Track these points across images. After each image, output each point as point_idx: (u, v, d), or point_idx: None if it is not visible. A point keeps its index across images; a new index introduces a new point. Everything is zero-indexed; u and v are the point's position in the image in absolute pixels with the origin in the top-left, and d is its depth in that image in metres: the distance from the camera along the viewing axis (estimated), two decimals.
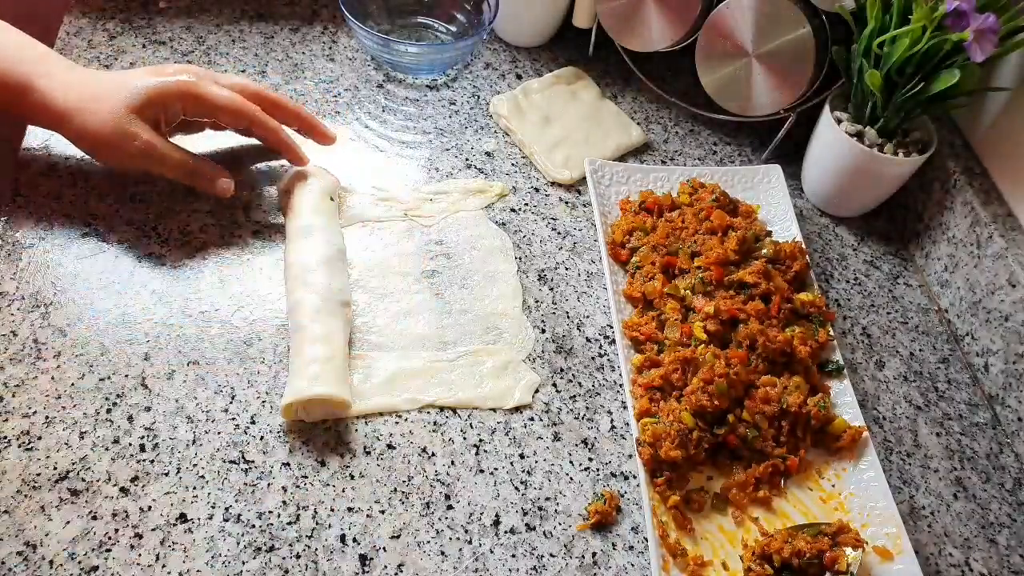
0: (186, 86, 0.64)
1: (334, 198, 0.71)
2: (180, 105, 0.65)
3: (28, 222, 0.66)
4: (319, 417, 0.59)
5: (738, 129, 0.89)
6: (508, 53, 0.92)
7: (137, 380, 0.59)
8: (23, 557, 0.50)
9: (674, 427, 0.58)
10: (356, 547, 0.53)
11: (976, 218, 0.73)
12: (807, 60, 0.75)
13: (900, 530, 0.57)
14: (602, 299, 0.71)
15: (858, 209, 0.83)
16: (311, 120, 0.72)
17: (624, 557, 0.56)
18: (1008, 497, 0.64)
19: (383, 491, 0.56)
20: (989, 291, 0.70)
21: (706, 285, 0.67)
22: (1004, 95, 0.75)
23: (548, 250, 0.74)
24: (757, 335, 0.63)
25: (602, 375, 0.66)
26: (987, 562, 0.60)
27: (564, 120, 0.84)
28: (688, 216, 0.73)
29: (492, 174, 0.79)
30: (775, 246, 0.71)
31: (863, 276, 0.78)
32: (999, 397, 0.69)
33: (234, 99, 0.66)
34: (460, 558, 0.54)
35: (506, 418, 0.62)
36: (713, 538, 0.57)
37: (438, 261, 0.71)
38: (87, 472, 0.54)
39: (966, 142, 0.79)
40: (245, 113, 0.67)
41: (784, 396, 0.61)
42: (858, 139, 0.75)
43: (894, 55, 0.69)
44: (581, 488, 0.59)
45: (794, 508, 0.60)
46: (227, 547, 0.52)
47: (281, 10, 0.90)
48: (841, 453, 0.62)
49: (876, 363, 0.71)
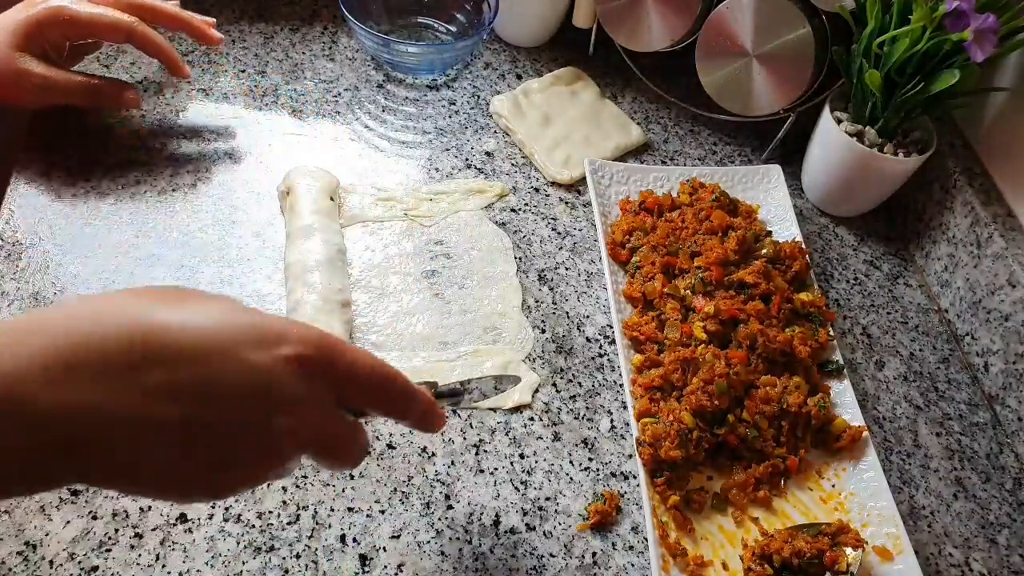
0: (56, 11, 0.64)
1: (334, 198, 0.71)
2: (58, 31, 0.65)
3: (28, 222, 0.66)
4: None
5: (738, 129, 0.89)
6: (508, 53, 0.92)
7: None
8: (23, 557, 0.50)
9: (674, 427, 0.58)
10: (356, 547, 0.53)
11: (976, 218, 0.73)
12: (807, 60, 0.75)
13: (900, 530, 0.57)
14: (602, 299, 0.71)
15: (858, 209, 0.82)
16: (190, 21, 0.71)
17: (624, 557, 0.56)
18: (1008, 497, 0.64)
19: (383, 491, 0.56)
20: (989, 291, 0.70)
21: (706, 285, 0.67)
22: (1004, 95, 0.75)
23: (548, 250, 0.74)
24: (757, 335, 0.63)
25: (602, 375, 0.66)
26: (987, 562, 0.60)
27: (564, 120, 0.84)
28: (688, 216, 0.73)
29: (492, 174, 0.79)
30: (775, 246, 0.71)
31: (863, 276, 0.78)
32: (999, 397, 0.69)
33: (106, 14, 0.66)
34: (460, 558, 0.54)
35: (506, 418, 0.62)
36: (713, 538, 0.57)
37: (438, 261, 0.71)
38: None
39: (966, 142, 0.79)
40: (122, 26, 0.66)
41: (784, 396, 0.61)
42: (858, 139, 0.75)
43: (894, 55, 0.69)
44: (581, 488, 0.59)
45: (794, 508, 0.60)
46: (227, 547, 0.52)
47: (281, 10, 0.90)
48: (841, 453, 0.62)
49: (876, 363, 0.71)
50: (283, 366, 0.35)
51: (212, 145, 0.75)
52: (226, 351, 0.33)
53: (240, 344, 0.34)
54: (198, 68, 0.82)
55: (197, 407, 0.33)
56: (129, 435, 0.32)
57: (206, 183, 0.72)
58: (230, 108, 0.79)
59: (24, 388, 0.30)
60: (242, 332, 0.34)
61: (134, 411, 0.32)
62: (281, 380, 0.35)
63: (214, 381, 0.33)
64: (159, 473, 0.34)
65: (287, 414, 0.35)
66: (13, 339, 0.31)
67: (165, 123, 0.76)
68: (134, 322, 0.33)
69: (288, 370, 0.35)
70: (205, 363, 0.33)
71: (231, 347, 0.33)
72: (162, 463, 0.33)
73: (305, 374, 0.36)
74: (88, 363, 0.31)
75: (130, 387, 0.32)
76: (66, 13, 0.64)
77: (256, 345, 0.34)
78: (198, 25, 0.72)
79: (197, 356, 0.33)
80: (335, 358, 0.37)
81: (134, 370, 0.32)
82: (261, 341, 0.34)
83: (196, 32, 0.72)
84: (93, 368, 0.31)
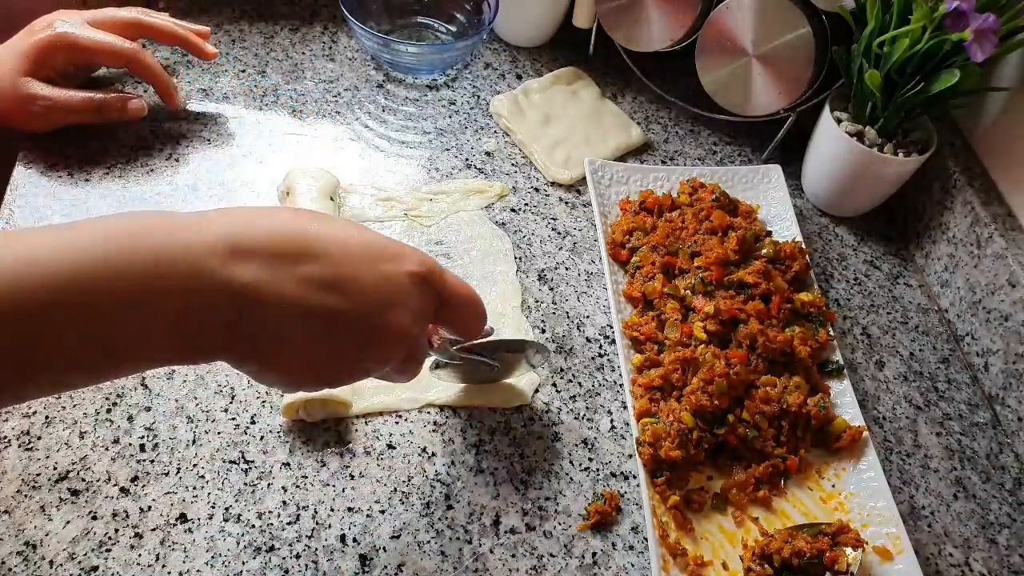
0: (59, 37, 0.66)
1: (334, 198, 0.71)
2: (62, 56, 0.66)
3: (29, 222, 0.66)
4: (320, 416, 0.59)
5: (738, 129, 0.89)
6: (508, 53, 0.92)
7: (137, 380, 0.59)
8: (23, 557, 0.50)
9: (674, 427, 0.58)
10: (356, 547, 0.53)
11: (976, 218, 0.73)
12: (807, 60, 0.75)
13: (900, 530, 0.57)
14: (602, 299, 0.71)
15: (858, 209, 0.82)
16: (186, 38, 0.74)
17: (624, 557, 0.56)
18: (1008, 497, 0.64)
19: (383, 491, 0.56)
20: (989, 291, 0.70)
21: (706, 285, 0.67)
22: (1004, 95, 0.75)
23: (548, 250, 0.74)
24: (757, 335, 0.63)
25: (602, 375, 0.66)
26: (987, 562, 0.60)
27: (564, 120, 0.84)
28: (688, 216, 0.73)
29: (492, 174, 0.79)
30: (775, 246, 0.71)
31: (863, 276, 0.78)
32: (999, 397, 0.69)
33: (107, 41, 0.67)
34: (460, 558, 0.54)
35: (506, 418, 0.62)
36: (713, 538, 0.57)
37: (438, 261, 0.70)
38: (87, 472, 0.54)
39: (966, 142, 0.79)
40: (121, 54, 0.68)
41: (784, 396, 0.61)
42: (858, 139, 0.75)
43: (894, 55, 0.69)
44: (581, 488, 0.59)
45: (794, 508, 0.60)
46: (227, 547, 0.52)
47: (281, 10, 0.90)
48: (841, 453, 0.62)
49: (876, 363, 0.71)
50: (405, 278, 0.43)
51: (212, 145, 0.75)
52: (366, 260, 0.41)
53: (375, 257, 0.41)
54: (198, 68, 0.82)
55: (340, 299, 0.40)
56: (281, 315, 0.38)
57: (206, 183, 0.72)
58: (230, 108, 0.79)
59: (208, 261, 0.36)
60: (376, 247, 0.42)
61: (290, 294, 0.38)
62: (404, 288, 0.43)
63: (358, 280, 0.40)
64: (294, 354, 0.40)
65: (403, 316, 0.43)
66: (199, 224, 0.37)
67: (165, 123, 0.76)
68: (295, 226, 0.40)
69: (409, 282, 0.43)
70: (350, 265, 0.40)
71: (369, 258, 0.41)
72: (300, 345, 0.40)
73: (419, 286, 0.44)
74: (258, 250, 0.38)
75: (289, 274, 0.38)
76: (69, 39, 0.66)
77: (388, 259, 0.42)
78: (194, 41, 0.74)
79: (343, 260, 0.40)
80: (439, 278, 0.46)
81: (293, 261, 0.38)
82: (391, 257, 0.42)
83: (192, 48, 0.74)
84: (262, 255, 0.38)
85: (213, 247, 0.37)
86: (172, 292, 0.36)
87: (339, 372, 0.43)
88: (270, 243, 0.38)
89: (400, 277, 0.42)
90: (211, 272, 0.36)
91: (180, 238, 0.36)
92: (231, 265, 0.37)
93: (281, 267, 0.38)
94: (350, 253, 0.40)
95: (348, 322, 0.41)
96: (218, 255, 0.37)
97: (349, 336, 0.41)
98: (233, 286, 0.37)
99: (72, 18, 0.67)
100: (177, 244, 0.36)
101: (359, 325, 0.41)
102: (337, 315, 0.40)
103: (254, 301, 0.37)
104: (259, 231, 0.38)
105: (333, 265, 0.40)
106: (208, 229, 0.37)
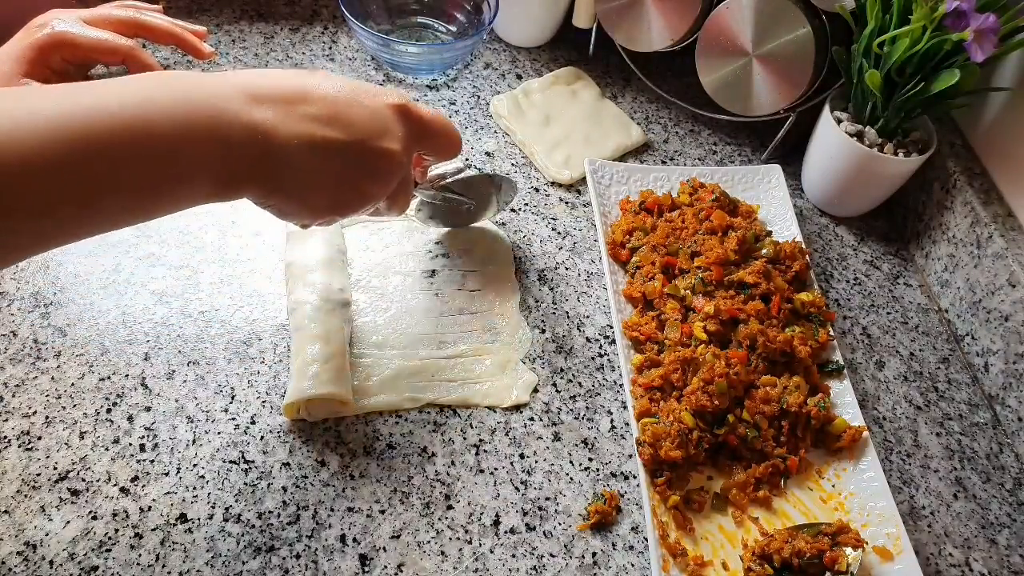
0: (57, 36, 0.65)
1: None
2: (59, 55, 0.66)
3: None
4: (321, 416, 0.59)
5: (738, 129, 0.89)
6: (508, 53, 0.92)
7: (137, 380, 0.59)
8: (23, 557, 0.50)
9: (674, 427, 0.58)
10: (356, 547, 0.53)
11: (976, 218, 0.73)
12: (807, 60, 0.75)
13: (900, 530, 0.57)
14: (602, 299, 0.71)
15: (858, 209, 0.82)
16: (183, 36, 0.74)
17: (624, 557, 0.56)
18: (1008, 497, 0.64)
19: (383, 491, 0.56)
20: (989, 291, 0.70)
21: (706, 285, 0.67)
22: (1004, 95, 0.75)
23: (548, 250, 0.74)
24: (757, 335, 0.63)
25: (602, 375, 0.66)
26: (987, 562, 0.60)
27: (564, 120, 0.84)
28: (688, 216, 0.73)
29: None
30: (775, 246, 0.71)
31: (863, 276, 0.78)
32: (999, 397, 0.69)
33: (105, 38, 0.68)
34: (460, 558, 0.54)
35: (506, 418, 0.62)
36: (713, 538, 0.57)
37: (438, 261, 0.71)
38: (87, 472, 0.54)
39: (966, 142, 0.79)
40: (119, 50, 0.68)
41: (784, 396, 0.61)
42: (858, 139, 0.75)
43: (894, 55, 0.69)
44: (581, 488, 0.59)
45: (794, 508, 0.60)
46: (227, 547, 0.52)
47: (281, 10, 0.90)
48: (841, 453, 0.62)
49: (876, 363, 0.71)
50: (387, 109, 0.50)
51: None
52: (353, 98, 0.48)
53: (360, 95, 0.48)
54: (198, 68, 0.82)
55: (339, 130, 0.46)
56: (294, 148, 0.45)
57: None
58: None
59: (230, 105, 0.42)
60: (360, 88, 0.49)
61: (299, 131, 0.45)
62: (389, 117, 0.50)
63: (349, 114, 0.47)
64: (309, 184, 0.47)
65: (392, 141, 0.49)
66: (218, 79, 0.43)
67: None
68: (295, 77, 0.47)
69: (390, 112, 0.50)
70: (342, 103, 0.47)
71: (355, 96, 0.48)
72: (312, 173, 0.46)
73: (400, 115, 0.50)
74: (271, 96, 0.44)
75: (296, 114, 0.45)
76: (67, 38, 0.66)
77: (371, 96, 0.49)
78: (191, 41, 0.74)
79: (336, 99, 0.47)
80: (415, 109, 0.52)
81: (298, 103, 0.45)
82: (373, 94, 0.49)
83: (188, 47, 0.74)
84: (274, 99, 0.44)
85: (232, 95, 0.43)
86: (207, 132, 0.41)
87: (348, 197, 0.50)
88: (278, 90, 0.45)
89: (383, 109, 0.49)
90: (235, 114, 0.42)
91: (206, 88, 0.42)
92: (250, 108, 0.43)
93: (290, 108, 0.45)
94: (340, 94, 0.47)
95: (348, 149, 0.47)
96: (239, 99, 0.43)
97: (351, 160, 0.48)
98: (255, 125, 0.43)
99: (67, 17, 0.67)
100: (203, 92, 0.42)
101: (357, 149, 0.48)
102: (338, 144, 0.47)
103: (272, 138, 0.44)
104: (269, 81, 0.45)
105: (329, 104, 0.46)
106: (227, 81, 0.44)
